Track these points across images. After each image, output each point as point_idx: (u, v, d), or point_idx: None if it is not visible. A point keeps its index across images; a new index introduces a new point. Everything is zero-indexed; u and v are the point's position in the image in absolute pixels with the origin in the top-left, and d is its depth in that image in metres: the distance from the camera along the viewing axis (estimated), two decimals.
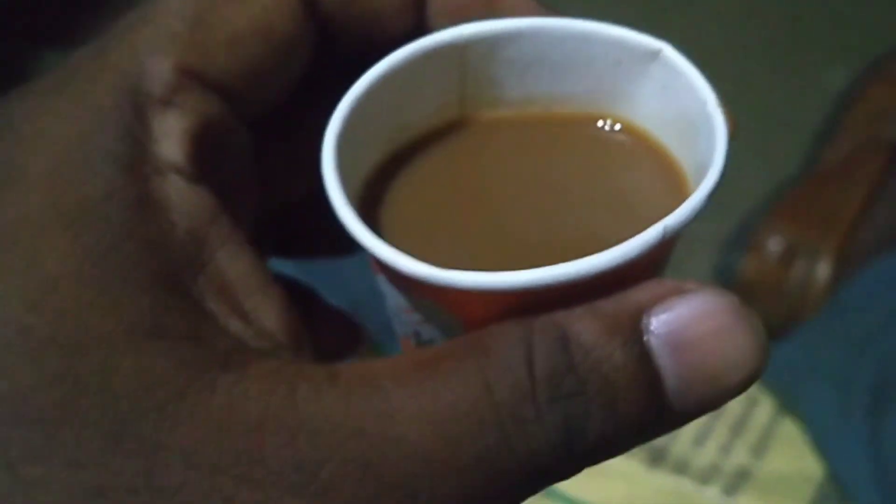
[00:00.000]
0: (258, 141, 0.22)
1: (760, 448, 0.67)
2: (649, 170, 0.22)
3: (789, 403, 0.68)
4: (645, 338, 0.17)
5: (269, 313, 0.19)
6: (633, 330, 0.17)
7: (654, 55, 0.21)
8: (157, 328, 0.17)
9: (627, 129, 0.23)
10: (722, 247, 0.75)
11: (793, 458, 0.66)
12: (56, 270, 0.17)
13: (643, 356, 0.17)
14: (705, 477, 0.66)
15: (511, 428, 0.17)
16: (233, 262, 0.19)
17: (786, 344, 0.70)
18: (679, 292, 0.18)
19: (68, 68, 0.20)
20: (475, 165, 0.23)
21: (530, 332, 0.17)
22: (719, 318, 0.17)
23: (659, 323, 0.17)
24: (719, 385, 0.18)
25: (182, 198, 0.19)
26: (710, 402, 0.18)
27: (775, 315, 0.71)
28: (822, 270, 0.70)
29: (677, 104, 0.21)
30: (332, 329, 0.28)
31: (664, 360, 0.17)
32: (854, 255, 0.71)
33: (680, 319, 0.17)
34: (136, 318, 0.17)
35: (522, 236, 0.21)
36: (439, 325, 0.20)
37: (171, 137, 0.19)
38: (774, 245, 0.71)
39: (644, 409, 0.17)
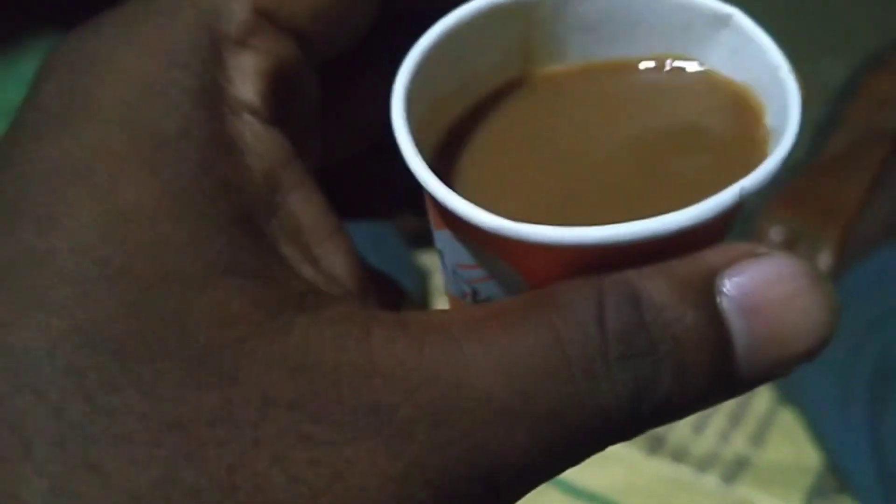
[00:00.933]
0: (325, 89, 0.22)
1: (759, 437, 0.67)
2: (725, 105, 0.22)
3: (788, 393, 0.68)
4: (717, 300, 0.17)
5: (338, 260, 0.19)
6: (706, 291, 0.17)
7: (726, 20, 0.21)
8: (234, 266, 0.17)
9: (697, 70, 0.23)
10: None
11: (791, 448, 0.66)
12: (133, 203, 0.17)
13: (715, 318, 0.17)
14: (704, 464, 0.66)
15: (582, 383, 0.17)
16: (305, 206, 0.19)
17: None
18: (752, 255, 0.18)
19: (145, 1, 0.19)
20: (544, 119, 0.22)
21: (602, 290, 0.17)
22: (793, 282, 0.17)
23: (732, 285, 0.17)
24: (789, 350, 0.18)
25: (257, 139, 0.19)
26: (778, 367, 0.18)
27: None
28: (823, 260, 0.70)
29: (748, 70, 0.21)
30: (377, 287, 0.28)
31: (736, 323, 0.17)
32: (855, 246, 0.71)
33: (753, 282, 0.17)
34: (213, 256, 0.17)
35: (595, 190, 0.21)
36: (502, 282, 0.20)
37: (246, 78, 0.19)
38: (776, 235, 0.71)
39: (713, 372, 0.17)
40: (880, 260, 0.69)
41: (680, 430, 0.67)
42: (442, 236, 0.21)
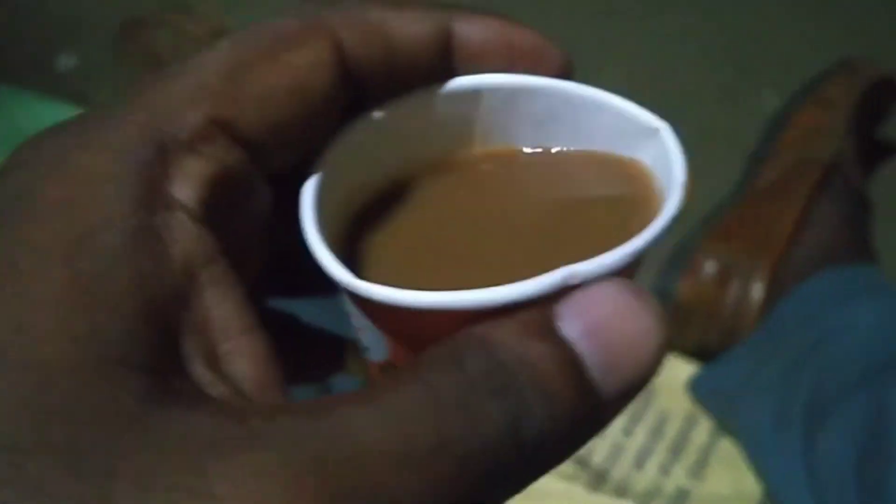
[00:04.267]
0: (278, 189, 0.23)
1: (699, 468, 0.68)
2: (617, 176, 0.24)
3: (726, 423, 0.69)
4: (557, 327, 0.19)
5: (240, 361, 0.20)
6: (546, 324, 0.19)
7: (654, 132, 0.23)
8: (128, 358, 0.18)
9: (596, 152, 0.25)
10: (661, 267, 0.76)
11: (731, 478, 0.67)
12: (44, 294, 0.18)
13: (559, 344, 0.19)
14: (646, 499, 0.66)
15: (460, 418, 0.18)
16: (219, 304, 0.20)
17: (722, 363, 0.71)
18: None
19: (103, 107, 0.21)
20: (452, 196, 0.24)
21: (456, 344, 0.19)
22: (617, 299, 0.19)
23: (566, 314, 0.19)
24: (636, 359, 0.19)
25: (184, 234, 0.19)
26: (632, 378, 0.19)
27: (712, 336, 0.72)
28: (757, 291, 0.71)
29: (660, 176, 0.23)
30: (314, 352, 0.30)
31: (580, 346, 0.19)
32: (788, 275, 0.72)
33: (582, 306, 0.19)
34: (109, 347, 0.17)
35: (478, 256, 0.23)
36: (369, 335, 0.22)
37: (186, 180, 0.20)
38: (710, 267, 0.72)
39: (575, 393, 0.19)
40: (812, 287, 0.70)
41: (622, 465, 0.68)
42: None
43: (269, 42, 0.22)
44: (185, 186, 0.20)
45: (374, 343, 0.22)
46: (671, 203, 0.21)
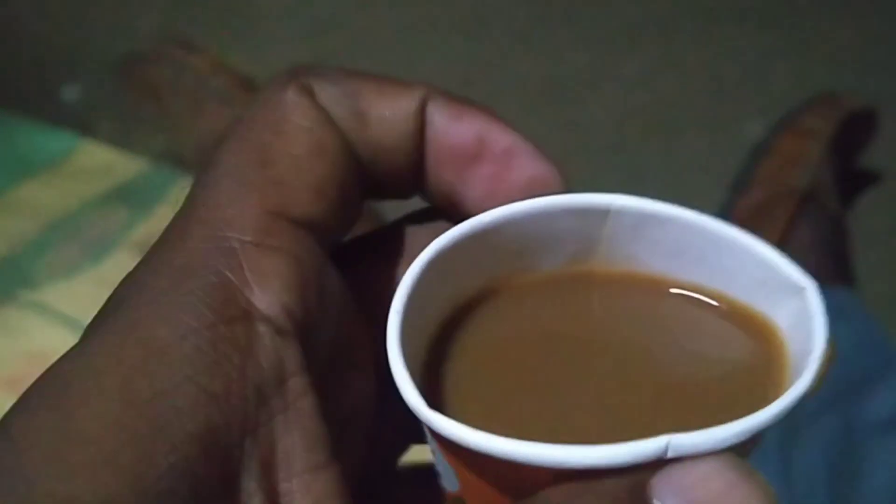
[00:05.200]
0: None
1: None
2: (745, 337, 0.21)
3: None
4: None
5: (304, 500, 0.18)
6: (639, 500, 0.17)
7: (798, 291, 0.20)
8: (175, 494, 0.16)
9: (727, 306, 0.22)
10: None
11: None
12: (89, 420, 0.17)
13: None
14: None
15: None
16: (289, 432, 0.18)
17: None
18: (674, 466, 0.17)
19: (164, 233, 0.20)
20: (567, 320, 0.22)
21: None
22: (724, 481, 0.17)
23: (664, 490, 0.17)
24: None
25: (261, 349, 0.18)
26: None
27: None
28: None
29: (795, 342, 0.20)
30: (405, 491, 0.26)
31: None
32: None
33: (683, 484, 0.17)
34: (156, 481, 0.16)
35: (561, 402, 0.20)
36: (442, 464, 0.20)
37: (265, 281, 0.19)
38: None
39: None
40: None
41: None
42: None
43: (278, 129, 0.21)
44: (265, 291, 0.19)
45: (445, 473, 0.20)
46: (803, 378, 0.18)
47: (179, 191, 0.22)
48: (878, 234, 0.90)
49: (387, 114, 0.21)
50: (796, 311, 0.20)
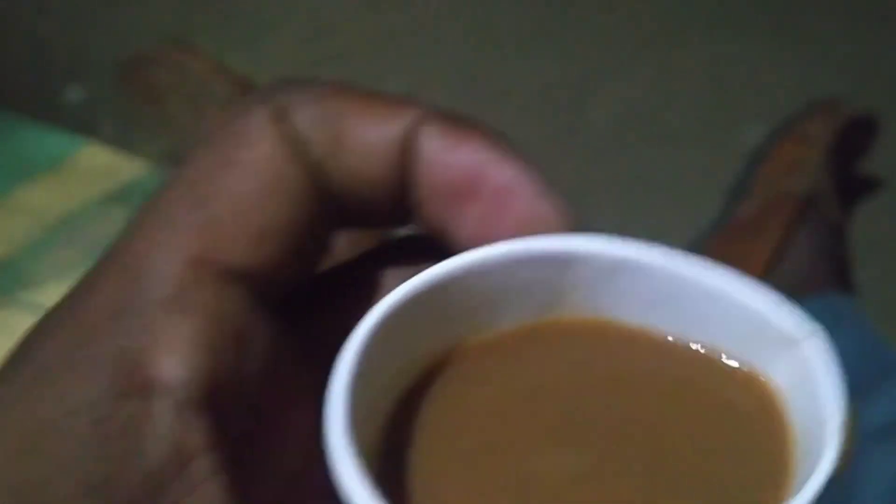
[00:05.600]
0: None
1: None
2: (749, 410, 0.18)
3: None
4: None
5: None
6: None
7: (791, 343, 0.18)
8: None
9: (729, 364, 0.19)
10: None
11: None
12: None
13: None
14: None
15: None
16: None
17: None
18: None
19: (84, 277, 0.18)
20: (543, 384, 0.19)
21: None
22: None
23: None
24: None
25: (156, 428, 0.16)
26: None
27: None
28: None
29: (799, 406, 0.18)
30: None
31: None
32: None
33: None
34: None
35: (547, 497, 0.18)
36: None
37: (172, 348, 0.16)
38: None
39: None
40: None
41: None
42: None
43: (229, 160, 0.18)
44: (171, 357, 0.16)
45: None
46: (822, 465, 0.16)
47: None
48: (878, 242, 0.90)
49: (369, 139, 0.19)
50: (793, 370, 0.18)
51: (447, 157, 0.19)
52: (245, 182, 0.18)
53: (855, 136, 0.90)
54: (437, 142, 0.19)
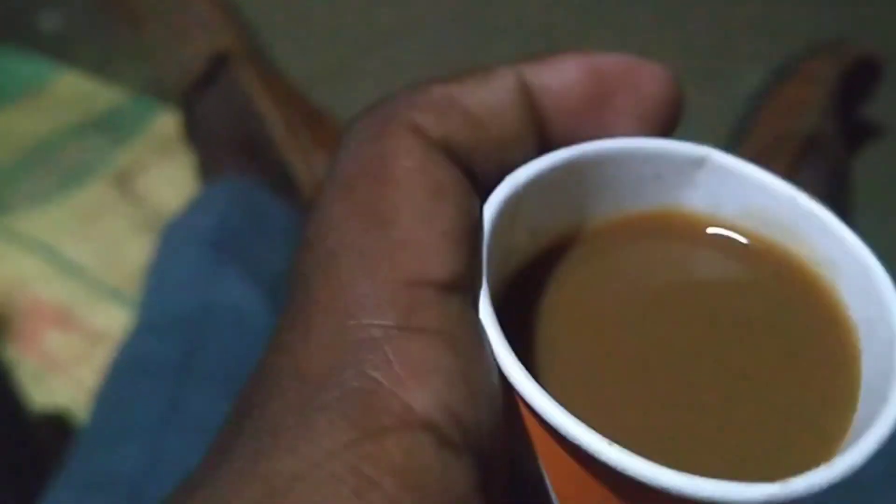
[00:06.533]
0: None
1: None
2: (797, 292, 0.21)
3: None
4: None
5: None
6: None
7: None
8: None
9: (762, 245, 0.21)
10: None
11: None
12: None
13: None
14: None
15: None
16: None
17: None
18: None
19: (277, 333, 0.16)
20: (615, 291, 0.20)
21: None
22: None
23: None
24: None
25: (425, 468, 0.14)
26: None
27: None
28: None
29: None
30: None
31: None
32: None
33: None
34: None
35: (675, 406, 0.18)
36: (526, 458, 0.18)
37: (421, 375, 0.15)
38: None
39: None
40: None
41: None
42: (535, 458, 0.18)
43: (385, 177, 0.17)
44: (423, 389, 0.15)
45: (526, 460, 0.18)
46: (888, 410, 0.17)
47: (161, 123, 0.18)
48: (878, 185, 0.88)
49: (490, 101, 0.19)
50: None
51: (555, 73, 0.20)
52: (413, 193, 0.17)
53: (859, 79, 0.87)
54: (539, 68, 0.20)
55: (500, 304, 0.18)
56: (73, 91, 0.84)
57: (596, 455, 0.15)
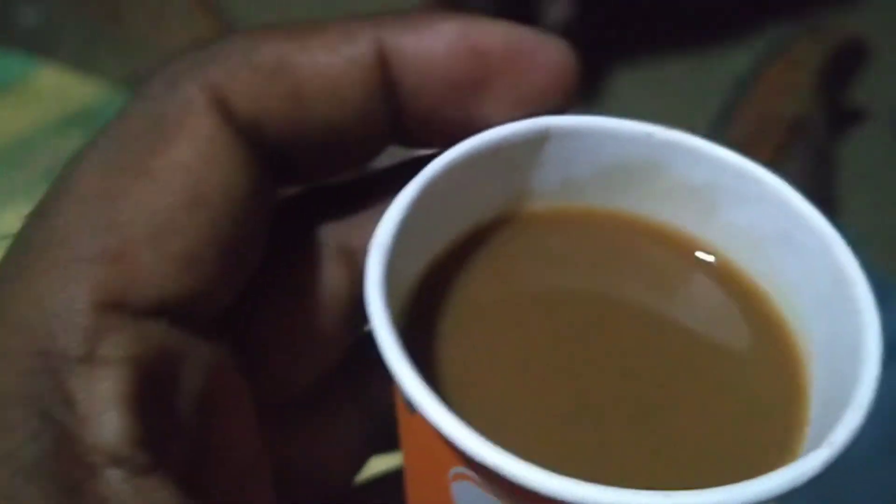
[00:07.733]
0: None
1: None
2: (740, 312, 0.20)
3: None
4: None
5: None
6: None
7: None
8: None
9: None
10: None
11: None
12: None
13: None
14: None
15: None
16: None
17: None
18: None
19: None
20: (539, 281, 0.19)
21: None
22: None
23: None
24: None
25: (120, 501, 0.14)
26: None
27: None
28: None
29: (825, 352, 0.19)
30: None
31: None
32: None
33: None
34: None
35: (593, 419, 0.17)
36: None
37: (102, 410, 0.14)
38: None
39: None
40: None
41: None
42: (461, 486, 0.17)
43: (142, 149, 0.16)
44: (104, 422, 0.14)
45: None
46: (839, 433, 0.15)
47: None
48: (864, 169, 0.88)
49: (331, 72, 0.16)
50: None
51: (425, 41, 0.17)
52: (166, 192, 0.15)
53: (845, 62, 0.87)
54: (406, 32, 0.17)
55: (406, 310, 0.17)
56: (51, 86, 0.83)
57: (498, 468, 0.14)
